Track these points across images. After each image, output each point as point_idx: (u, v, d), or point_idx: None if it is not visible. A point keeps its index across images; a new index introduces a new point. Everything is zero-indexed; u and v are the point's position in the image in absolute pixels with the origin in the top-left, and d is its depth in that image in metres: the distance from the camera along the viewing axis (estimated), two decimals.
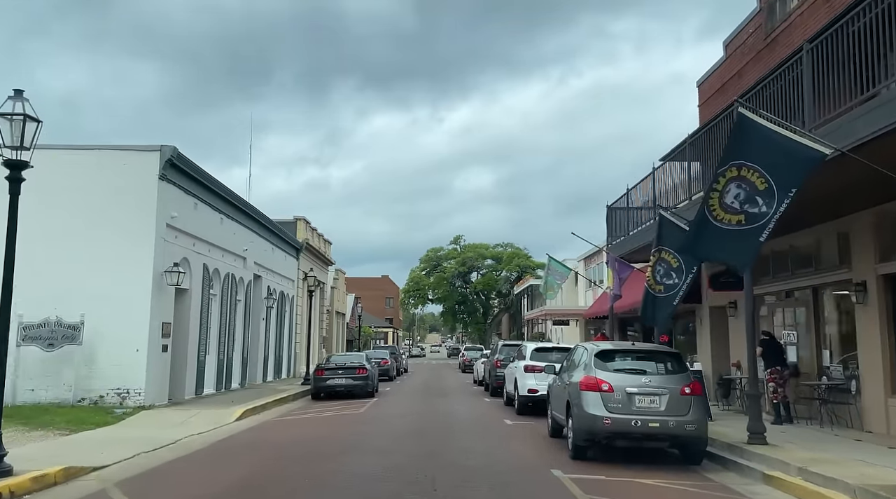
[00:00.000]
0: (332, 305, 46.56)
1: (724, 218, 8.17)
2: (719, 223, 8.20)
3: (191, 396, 19.87)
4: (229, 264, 23.49)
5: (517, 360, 19.31)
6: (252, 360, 26.74)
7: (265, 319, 28.39)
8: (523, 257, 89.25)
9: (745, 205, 7.93)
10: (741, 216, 8.03)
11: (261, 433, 13.98)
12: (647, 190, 17.57)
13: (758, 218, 7.83)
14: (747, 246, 8.15)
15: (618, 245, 18.47)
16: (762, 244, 8.06)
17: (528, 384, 17.33)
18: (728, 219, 8.13)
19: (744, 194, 7.92)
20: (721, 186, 8.16)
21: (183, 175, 18.76)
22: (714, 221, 8.26)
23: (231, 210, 23.26)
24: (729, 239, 8.21)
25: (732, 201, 8.03)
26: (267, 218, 27.92)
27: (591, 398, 10.19)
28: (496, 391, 23.95)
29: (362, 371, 22.98)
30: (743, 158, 7.83)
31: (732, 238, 8.17)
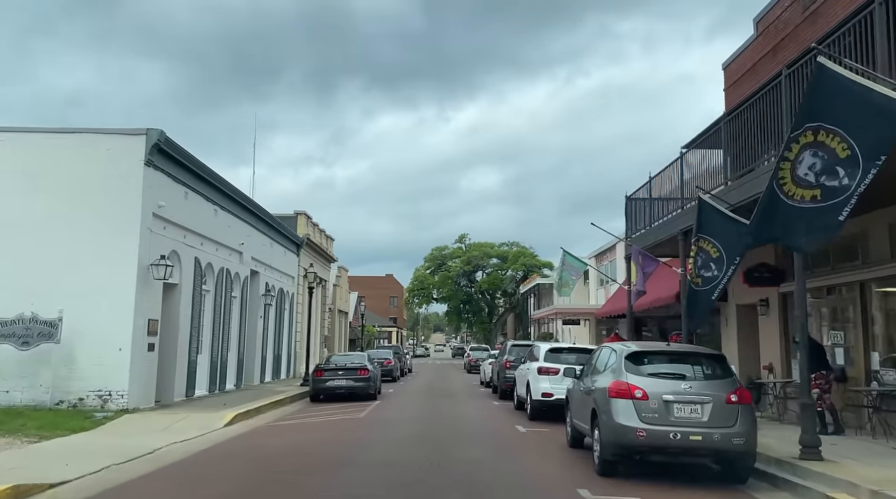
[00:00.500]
0: (335, 303, 45.32)
1: (796, 193, 6.84)
2: (791, 200, 6.85)
3: (180, 398, 18.63)
4: (224, 259, 22.24)
5: (529, 361, 18.02)
6: (248, 360, 25.49)
7: (263, 317, 27.14)
8: (529, 256, 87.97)
9: (821, 177, 6.59)
10: (817, 191, 6.69)
11: (250, 441, 12.71)
12: (669, 180, 16.26)
13: (837, 192, 6.49)
14: (822, 227, 6.81)
15: (639, 238, 17.17)
16: (842, 225, 6.70)
17: (542, 388, 16.04)
18: (801, 195, 6.79)
19: (821, 164, 6.58)
20: (794, 154, 6.82)
21: (172, 162, 17.51)
22: (785, 197, 6.92)
23: (226, 201, 22.00)
24: (801, 219, 6.87)
25: (806, 173, 6.70)
26: (265, 211, 26.68)
27: (621, 407, 8.89)
28: (505, 394, 22.65)
29: (364, 372, 21.71)
30: (821, 119, 6.50)
31: (805, 218, 6.83)
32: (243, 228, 24.13)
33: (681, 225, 14.17)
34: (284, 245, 30.71)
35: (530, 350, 18.68)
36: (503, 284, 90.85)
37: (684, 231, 14.04)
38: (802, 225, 6.93)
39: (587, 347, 17.57)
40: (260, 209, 25.82)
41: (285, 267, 30.71)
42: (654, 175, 16.52)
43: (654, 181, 17.39)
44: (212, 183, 20.32)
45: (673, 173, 15.92)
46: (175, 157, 17.45)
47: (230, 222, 22.64)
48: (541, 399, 16.05)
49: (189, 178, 18.75)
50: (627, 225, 18.74)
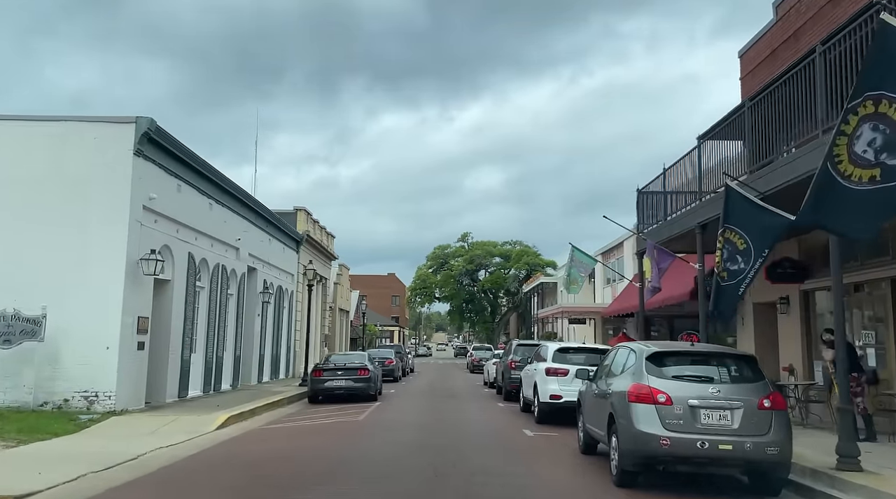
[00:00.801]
0: (335, 301, 44.57)
1: (853, 174, 6.01)
2: (848, 181, 6.01)
3: (172, 399, 17.88)
4: (219, 255, 21.48)
5: (536, 361, 17.24)
6: (246, 359, 24.74)
7: (261, 315, 26.39)
8: (532, 255, 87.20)
9: (882, 154, 5.76)
10: (876, 170, 5.85)
11: (239, 447, 11.94)
12: (683, 173, 15.46)
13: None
14: (878, 211, 6.00)
15: (652, 232, 16.38)
16: None
17: (551, 390, 15.27)
18: (858, 175, 5.96)
19: (881, 139, 5.74)
20: (851, 127, 6.00)
21: (163, 152, 16.75)
22: (840, 178, 6.08)
23: (221, 195, 21.24)
24: (857, 203, 6.04)
25: (865, 150, 5.87)
26: (263, 206, 25.92)
27: (643, 412, 8.11)
28: (510, 395, 21.88)
29: (364, 372, 20.94)
30: (884, 87, 5.68)
31: (862, 201, 5.99)
32: (240, 223, 23.38)
33: (698, 218, 13.38)
34: (283, 242, 29.96)
35: (537, 350, 17.90)
36: (506, 284, 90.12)
37: (702, 224, 13.26)
38: (857, 209, 6.07)
39: (598, 347, 16.81)
40: (258, 204, 25.07)
41: (284, 264, 29.96)
42: (668, 166, 15.73)
43: (667, 174, 16.61)
44: (206, 176, 19.56)
45: (687, 166, 15.13)
46: (166, 147, 16.69)
47: (226, 217, 21.88)
48: (549, 402, 15.28)
49: (182, 170, 17.99)
50: (639, 219, 17.95)
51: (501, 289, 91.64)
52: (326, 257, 39.68)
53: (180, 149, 17.39)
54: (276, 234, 28.40)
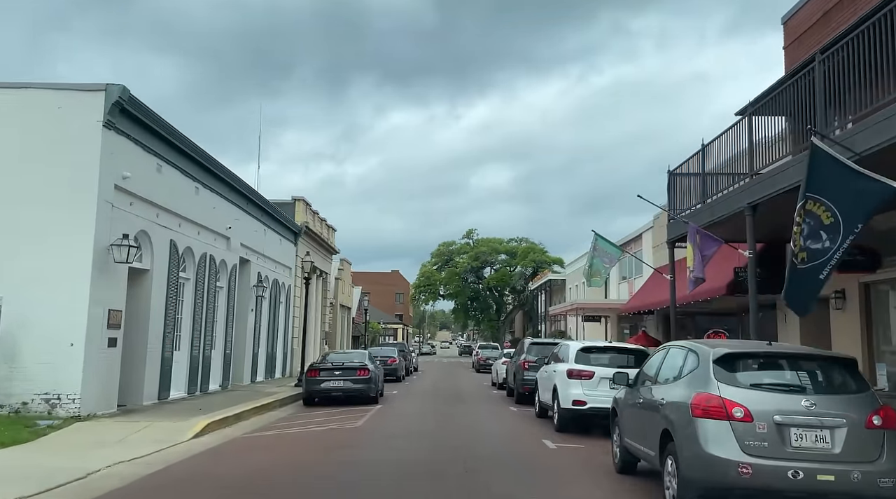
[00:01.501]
0: (336, 297, 42.82)
1: None
2: None
3: (151, 401, 16.15)
4: (207, 244, 19.73)
5: (555, 362, 15.46)
6: (237, 357, 23.01)
7: (255, 310, 24.64)
8: (539, 252, 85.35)
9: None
10: None
11: (212, 462, 10.17)
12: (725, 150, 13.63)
13: None
14: None
15: (689, 217, 14.55)
16: None
17: (573, 395, 13.46)
18: None
19: None
20: None
21: (139, 126, 15.01)
22: None
23: (209, 178, 19.48)
24: None
25: None
26: (257, 193, 24.16)
27: (713, 430, 6.32)
28: (523, 398, 20.09)
29: (363, 372, 19.17)
30: None
31: None
32: (231, 210, 21.62)
33: (748, 198, 11.56)
34: (280, 233, 28.19)
35: (555, 350, 16.09)
36: (512, 281, 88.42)
37: (753, 204, 11.44)
38: None
39: (626, 347, 14.99)
40: (250, 190, 23.31)
41: (281, 257, 28.19)
42: (708, 143, 13.87)
43: (705, 154, 14.79)
44: (191, 155, 17.80)
45: (729, 143, 13.29)
46: (143, 120, 14.94)
47: (215, 203, 20.12)
48: (571, 408, 13.48)
49: (162, 148, 16.24)
50: (671, 204, 16.14)
51: (507, 287, 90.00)
52: (327, 251, 37.93)
53: (158, 123, 15.63)
54: (271, 224, 26.65)
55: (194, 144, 17.80)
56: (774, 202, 11.30)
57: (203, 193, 19.13)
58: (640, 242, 28.24)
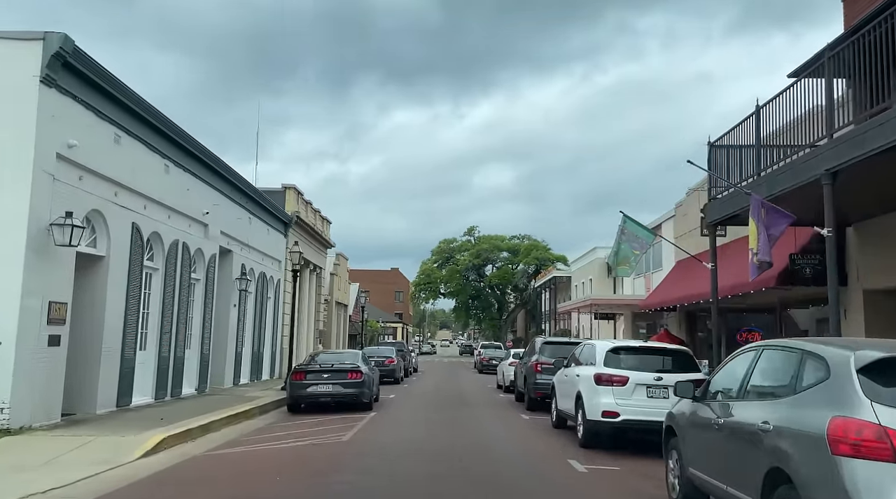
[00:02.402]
0: (332, 294, 40.61)
1: None
2: None
3: (108, 409, 13.92)
4: (179, 230, 17.50)
5: (577, 365, 13.24)
6: (217, 357, 20.77)
7: (238, 305, 22.41)
8: (542, 250, 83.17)
9: None
10: None
11: (150, 493, 7.94)
12: (782, 116, 11.40)
13: None
14: None
15: (738, 194, 12.32)
16: None
17: (603, 404, 11.23)
18: None
19: None
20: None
21: (91, 87, 12.78)
22: None
23: (182, 156, 17.26)
24: None
25: None
26: (241, 177, 21.91)
27: (869, 478, 4.09)
28: (536, 404, 17.91)
29: (355, 375, 16.95)
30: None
31: None
32: (209, 194, 19.38)
33: (826, 164, 9.32)
34: (268, 222, 25.95)
35: (578, 350, 13.83)
36: (514, 279, 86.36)
37: (832, 172, 9.21)
38: None
39: (665, 347, 12.72)
40: (233, 173, 21.06)
41: (269, 248, 25.94)
42: (763, 104, 11.61)
43: (743, 128, 12.57)
44: (158, 128, 15.57)
45: (788, 106, 11.05)
46: (93, 79, 12.70)
47: (189, 184, 17.88)
48: (600, 420, 11.25)
49: (121, 115, 14.01)
50: (711, 181, 13.92)
51: (509, 285, 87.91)
52: (321, 244, 35.69)
53: (113, 84, 13.39)
54: (258, 212, 24.40)
55: (161, 114, 15.56)
56: (856, 169, 9.12)
57: (175, 172, 16.89)
58: (658, 232, 25.93)
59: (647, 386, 11.15)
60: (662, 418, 10.83)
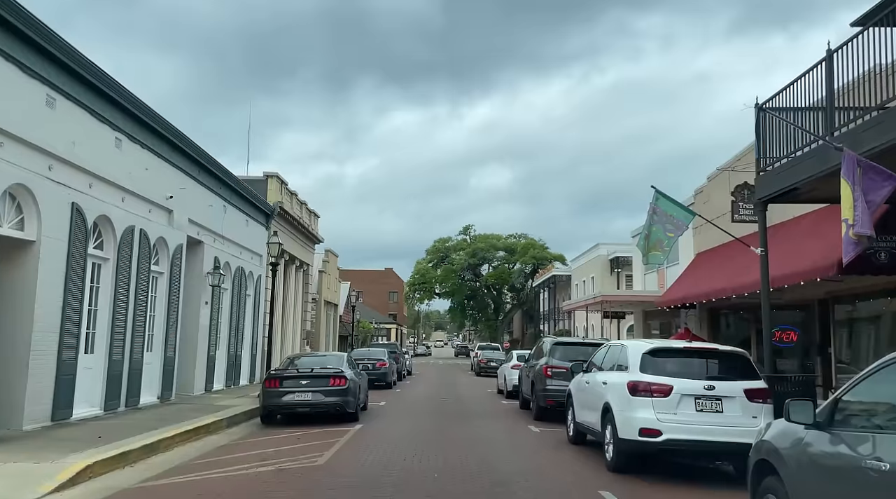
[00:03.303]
0: (321, 292, 38.31)
1: None
2: None
3: (40, 423, 11.63)
4: (137, 215, 15.21)
5: (597, 370, 11.04)
6: (185, 361, 18.47)
7: (211, 303, 20.10)
8: (539, 248, 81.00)
9: None
10: None
11: None
12: (852, 69, 9.20)
13: None
14: None
15: (793, 166, 10.12)
16: None
17: (640, 420, 8.99)
18: None
19: None
20: None
21: (11, 33, 10.50)
22: None
23: (140, 131, 14.98)
24: None
25: None
26: (214, 160, 19.59)
27: None
28: (545, 413, 15.75)
29: (338, 381, 14.71)
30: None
31: None
32: (174, 175, 17.09)
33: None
34: (247, 212, 23.64)
35: (602, 353, 11.58)
36: (511, 279, 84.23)
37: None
38: None
39: (716, 349, 10.44)
40: (203, 155, 18.73)
41: (248, 241, 23.62)
42: (834, 49, 9.39)
43: (797, 86, 10.38)
44: (105, 93, 13.28)
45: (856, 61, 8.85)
46: (12, 23, 10.40)
47: (149, 163, 15.60)
48: (637, 440, 9.01)
49: (57, 74, 11.74)
50: (760, 149, 11.71)
51: (506, 285, 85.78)
52: (308, 239, 33.39)
53: (42, 32, 11.09)
54: (234, 200, 22.10)
55: (109, 77, 13.27)
56: None
57: (129, 147, 14.61)
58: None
59: (696, 397, 8.93)
60: (717, 436, 8.68)
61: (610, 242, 47.18)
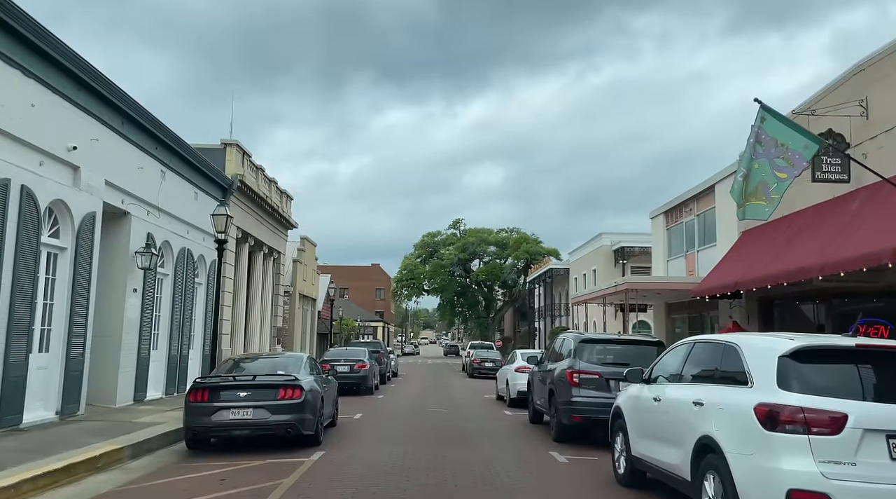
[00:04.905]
0: (295, 285, 34.22)
1: None
2: None
3: None
4: (15, 165, 11.11)
5: (672, 382, 7.14)
6: (102, 364, 14.40)
7: (142, 290, 16.03)
8: (532, 242, 77.45)
9: None
10: None
11: None
12: None
13: None
14: None
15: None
16: None
17: (790, 474, 5.01)
18: None
19: None
20: None
21: None
22: None
23: (18, 49, 10.91)
24: None
25: None
26: (143, 110, 15.45)
27: None
28: (568, 433, 11.91)
29: (291, 393, 10.72)
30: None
31: None
32: (82, 122, 13.01)
33: None
34: (197, 184, 19.54)
35: (682, 355, 7.54)
36: (503, 275, 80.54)
37: None
38: None
39: None
40: (126, 100, 14.61)
41: (198, 219, 19.47)
42: None
43: None
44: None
45: None
46: None
47: (38, 98, 11.52)
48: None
49: None
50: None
51: (497, 280, 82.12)
52: (279, 223, 29.31)
53: None
54: (178, 166, 18.01)
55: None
56: None
57: (4, 72, 10.54)
58: (710, 197, 19.86)
59: (891, 435, 5.02)
60: None
61: (614, 232, 43.42)
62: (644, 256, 40.59)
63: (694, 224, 21.18)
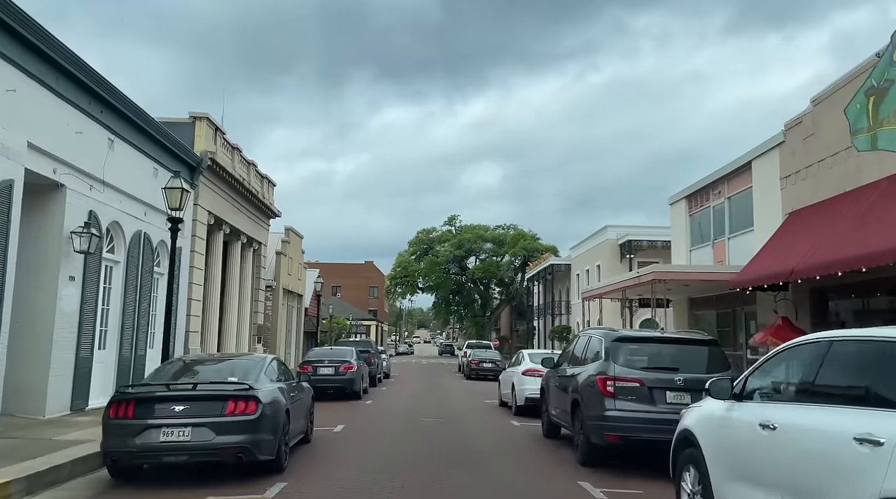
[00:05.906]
0: (279, 279, 31.62)
1: None
2: None
3: None
4: None
5: (816, 403, 4.60)
6: (26, 366, 11.83)
7: (80, 278, 13.46)
8: (530, 239, 75.03)
9: None
10: None
11: None
12: None
13: None
14: None
15: None
16: None
17: None
18: None
19: None
20: None
21: None
22: None
23: None
24: None
25: None
26: (81, 61, 12.85)
27: None
28: (600, 454, 9.40)
29: (243, 407, 8.18)
30: None
31: None
32: (4, 71, 10.46)
33: None
34: (156, 158, 16.95)
35: (811, 359, 5.05)
36: (499, 272, 78.22)
37: None
38: None
39: None
40: (60, 49, 12.03)
41: (160, 200, 16.86)
42: None
43: None
44: None
45: None
46: None
47: None
48: None
49: None
50: None
51: (494, 278, 79.76)
52: (259, 211, 26.75)
53: None
54: (131, 135, 15.44)
55: None
56: None
57: None
58: (747, 175, 17.35)
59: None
60: None
61: (620, 225, 40.96)
62: (653, 251, 38.09)
63: (724, 208, 18.71)
